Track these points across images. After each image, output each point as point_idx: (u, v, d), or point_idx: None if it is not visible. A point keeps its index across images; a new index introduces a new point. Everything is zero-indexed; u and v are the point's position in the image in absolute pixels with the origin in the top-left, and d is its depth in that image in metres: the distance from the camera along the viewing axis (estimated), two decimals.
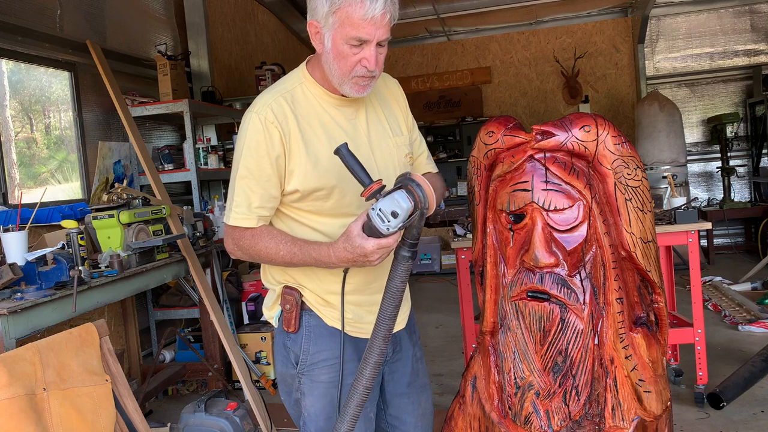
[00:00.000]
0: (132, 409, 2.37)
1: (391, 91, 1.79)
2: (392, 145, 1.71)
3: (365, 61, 1.53)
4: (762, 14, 7.82)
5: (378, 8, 1.46)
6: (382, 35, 1.51)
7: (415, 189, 1.38)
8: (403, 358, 1.79)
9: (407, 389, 1.79)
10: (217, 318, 3.56)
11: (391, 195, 1.37)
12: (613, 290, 1.58)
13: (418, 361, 1.84)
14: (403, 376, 1.79)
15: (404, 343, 1.79)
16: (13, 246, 2.66)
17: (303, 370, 1.67)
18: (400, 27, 8.06)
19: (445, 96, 8.72)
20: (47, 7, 3.68)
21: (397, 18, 1.55)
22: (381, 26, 1.49)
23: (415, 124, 1.86)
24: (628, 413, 1.57)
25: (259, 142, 1.55)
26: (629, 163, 1.54)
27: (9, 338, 2.22)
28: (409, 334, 1.82)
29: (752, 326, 4.47)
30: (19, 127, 3.70)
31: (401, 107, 1.79)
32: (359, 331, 1.67)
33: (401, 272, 1.43)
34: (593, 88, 8.32)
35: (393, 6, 1.51)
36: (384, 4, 1.48)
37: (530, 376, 1.60)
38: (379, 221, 1.37)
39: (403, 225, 1.38)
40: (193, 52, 5.18)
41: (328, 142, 1.58)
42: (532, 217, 1.56)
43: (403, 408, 1.80)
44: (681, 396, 3.40)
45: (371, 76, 1.56)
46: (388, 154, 1.69)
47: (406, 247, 1.42)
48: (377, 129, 1.70)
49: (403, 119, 1.78)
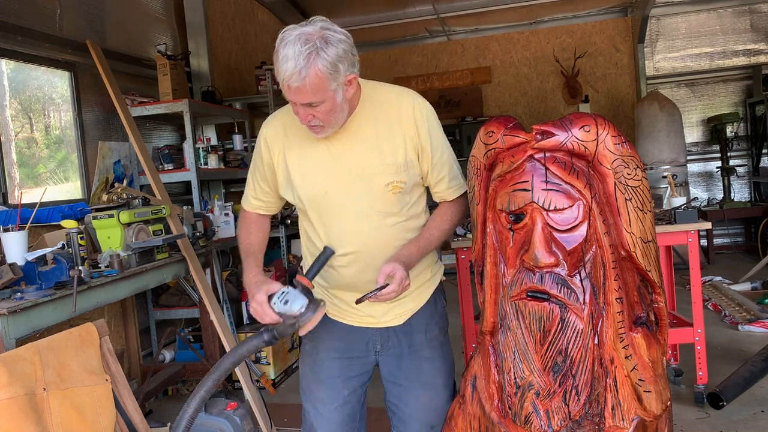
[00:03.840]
0: (132, 409, 2.37)
1: (404, 115, 1.76)
2: (375, 173, 1.73)
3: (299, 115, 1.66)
4: (762, 14, 7.82)
5: (291, 79, 1.55)
6: (302, 100, 1.60)
7: (307, 311, 1.60)
8: (393, 352, 1.90)
9: (405, 382, 1.89)
10: (217, 318, 3.56)
11: (297, 295, 1.63)
12: (613, 290, 1.57)
13: (425, 361, 1.89)
14: (396, 368, 1.90)
15: (395, 340, 1.89)
16: (13, 246, 2.66)
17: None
18: (400, 27, 8.07)
19: (445, 96, 8.72)
20: (47, 7, 3.68)
21: (334, 74, 1.57)
22: (299, 92, 1.58)
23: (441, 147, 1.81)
24: (628, 413, 1.57)
25: (259, 147, 1.88)
26: (629, 163, 1.54)
27: (9, 338, 2.22)
28: (407, 333, 1.88)
29: (752, 326, 4.47)
30: (19, 127, 3.70)
31: (408, 133, 1.75)
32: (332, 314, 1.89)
33: (252, 345, 1.68)
34: (593, 88, 8.32)
35: (311, 74, 1.54)
36: (297, 76, 1.53)
37: (530, 375, 1.60)
38: (277, 297, 1.65)
39: (282, 317, 1.63)
40: (193, 52, 5.18)
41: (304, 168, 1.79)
42: (532, 216, 1.56)
43: (400, 398, 1.91)
44: (681, 396, 3.40)
45: (315, 126, 1.68)
46: (368, 181, 1.74)
47: (271, 332, 1.64)
48: (365, 155, 1.74)
49: (404, 146, 1.75)
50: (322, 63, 1.55)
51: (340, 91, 1.62)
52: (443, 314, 1.97)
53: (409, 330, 1.88)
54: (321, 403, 1.92)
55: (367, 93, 1.77)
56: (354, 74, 1.64)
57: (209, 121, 5.18)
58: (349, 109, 1.72)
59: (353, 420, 1.95)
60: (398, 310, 1.87)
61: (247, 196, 1.96)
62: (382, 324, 1.87)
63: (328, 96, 1.60)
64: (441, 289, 1.99)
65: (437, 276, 1.97)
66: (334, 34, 1.59)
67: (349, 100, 1.69)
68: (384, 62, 8.85)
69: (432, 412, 1.89)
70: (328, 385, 1.91)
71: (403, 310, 1.87)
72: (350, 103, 1.72)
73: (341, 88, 1.62)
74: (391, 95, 1.79)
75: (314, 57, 1.54)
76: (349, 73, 1.62)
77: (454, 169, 1.85)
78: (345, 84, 1.63)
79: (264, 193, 1.91)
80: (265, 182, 1.89)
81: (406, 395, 1.90)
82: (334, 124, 1.69)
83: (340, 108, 1.65)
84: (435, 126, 1.80)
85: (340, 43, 1.58)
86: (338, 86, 1.61)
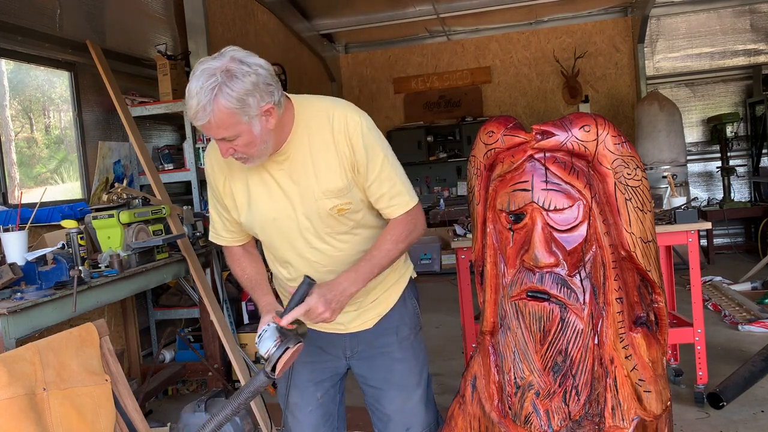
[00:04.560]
0: (132, 409, 2.37)
1: (337, 134, 1.67)
2: (318, 198, 1.69)
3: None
4: (762, 14, 7.82)
5: (196, 117, 1.52)
6: (214, 135, 1.58)
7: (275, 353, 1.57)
8: (364, 356, 1.90)
9: (379, 384, 1.91)
10: (217, 318, 3.56)
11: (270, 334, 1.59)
12: (613, 290, 1.57)
13: (397, 362, 1.89)
14: (368, 371, 1.91)
15: (365, 344, 1.89)
16: (13, 246, 2.66)
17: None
18: (400, 27, 8.07)
19: (445, 96, 8.72)
20: (47, 7, 3.68)
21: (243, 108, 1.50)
22: (207, 129, 1.55)
23: (380, 163, 1.69)
24: (628, 413, 1.57)
25: (208, 178, 1.82)
26: (629, 163, 1.54)
27: (9, 338, 2.22)
28: (377, 336, 1.88)
29: (752, 326, 4.47)
30: (19, 127, 3.70)
31: (344, 153, 1.67)
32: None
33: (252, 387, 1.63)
34: (593, 88, 8.32)
35: (215, 110, 1.50)
36: (201, 113, 1.50)
37: (530, 375, 1.60)
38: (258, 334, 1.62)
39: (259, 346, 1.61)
40: (193, 52, 5.18)
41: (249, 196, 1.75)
42: (532, 216, 1.56)
43: (376, 399, 1.93)
44: (681, 396, 3.40)
45: (240, 158, 1.63)
46: (313, 206, 1.71)
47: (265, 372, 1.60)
48: (304, 182, 1.69)
49: (342, 168, 1.68)
50: (226, 99, 1.48)
51: (256, 123, 1.55)
52: (414, 313, 1.95)
53: (380, 333, 1.88)
54: (296, 408, 1.95)
55: (301, 114, 1.69)
56: (270, 104, 1.55)
57: None
58: (281, 135, 1.65)
59: (329, 419, 1.98)
60: (367, 315, 1.86)
61: (217, 231, 1.88)
62: (351, 330, 1.87)
63: (241, 129, 1.54)
64: (411, 287, 1.96)
65: (405, 276, 1.94)
66: (242, 66, 1.51)
67: (276, 128, 1.61)
68: (384, 62, 8.85)
69: (407, 413, 1.90)
70: (300, 389, 1.93)
71: (372, 315, 1.87)
72: (281, 130, 1.64)
73: (257, 119, 1.55)
74: (323, 114, 1.68)
75: (217, 93, 1.48)
76: (264, 104, 1.54)
77: (397, 185, 1.73)
78: (261, 115, 1.55)
79: (232, 223, 1.84)
80: (226, 211, 1.82)
81: (382, 397, 1.91)
82: (259, 155, 1.62)
83: (261, 139, 1.58)
84: (372, 141, 1.68)
85: (247, 75, 1.50)
86: (252, 119, 1.54)
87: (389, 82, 8.85)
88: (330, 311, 1.61)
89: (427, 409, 1.94)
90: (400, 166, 1.76)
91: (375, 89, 8.90)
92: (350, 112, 1.69)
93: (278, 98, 1.58)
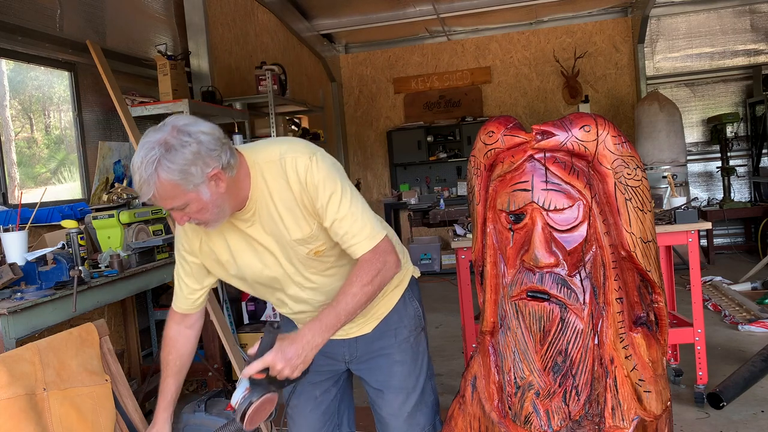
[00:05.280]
0: (132, 409, 2.37)
1: (292, 182, 1.62)
2: (292, 246, 1.68)
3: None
4: (762, 14, 7.82)
5: (141, 191, 1.52)
6: (164, 206, 1.56)
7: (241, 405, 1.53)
8: (363, 359, 1.90)
9: (378, 386, 1.91)
10: (217, 318, 3.56)
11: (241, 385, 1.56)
12: (613, 290, 1.58)
13: (396, 364, 1.89)
14: (368, 374, 1.91)
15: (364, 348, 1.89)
16: (13, 246, 2.66)
17: None
18: (400, 27, 8.07)
19: (445, 96, 8.71)
20: (47, 7, 3.68)
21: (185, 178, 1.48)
22: (154, 202, 1.53)
23: (338, 202, 1.61)
24: (628, 413, 1.57)
25: (178, 241, 1.83)
26: (629, 163, 1.54)
27: (9, 338, 2.22)
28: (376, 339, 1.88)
29: (752, 326, 4.47)
30: (19, 127, 3.70)
31: (303, 200, 1.63)
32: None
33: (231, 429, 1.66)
34: (593, 88, 8.32)
35: (157, 184, 1.47)
36: (145, 187, 1.49)
37: (530, 375, 1.60)
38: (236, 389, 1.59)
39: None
40: (193, 52, 5.18)
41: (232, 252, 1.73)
42: (532, 217, 1.56)
43: (375, 400, 1.94)
44: (681, 396, 3.40)
45: (198, 224, 1.62)
46: (290, 252, 1.70)
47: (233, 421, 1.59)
48: (276, 234, 1.67)
49: (304, 216, 1.64)
50: (166, 172, 1.46)
51: (203, 190, 1.51)
52: (415, 315, 1.93)
53: (378, 335, 1.87)
54: (295, 410, 1.96)
55: (255, 168, 1.63)
56: (217, 169, 1.51)
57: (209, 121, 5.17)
58: (239, 193, 1.61)
59: (330, 418, 1.99)
60: (365, 318, 1.86)
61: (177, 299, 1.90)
62: (351, 335, 1.87)
63: (189, 198, 1.51)
64: (412, 288, 1.94)
65: (406, 279, 1.92)
66: (181, 137, 1.48)
67: (229, 190, 1.57)
68: (384, 62, 8.85)
69: (404, 416, 1.90)
70: (297, 392, 1.93)
71: (371, 319, 1.87)
72: (237, 189, 1.60)
73: (203, 186, 1.51)
74: (275, 164, 1.62)
75: (157, 166, 1.45)
76: (209, 170, 1.50)
77: (359, 221, 1.63)
78: (208, 181, 1.51)
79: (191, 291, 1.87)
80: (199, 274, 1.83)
81: (380, 398, 1.91)
82: (216, 219, 1.59)
83: (213, 204, 1.54)
84: (326, 179, 1.61)
85: (187, 146, 1.47)
86: (198, 186, 1.50)
87: (389, 82, 8.85)
88: (290, 368, 1.53)
89: (425, 413, 1.93)
90: (361, 200, 1.67)
91: (375, 89, 8.90)
92: (300, 155, 1.62)
93: (227, 160, 1.53)
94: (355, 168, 9.01)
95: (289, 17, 7.17)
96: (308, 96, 7.39)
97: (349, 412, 2.06)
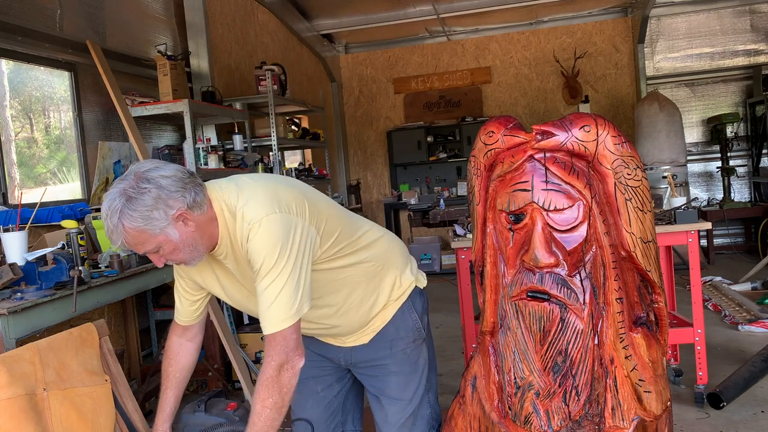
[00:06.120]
0: (132, 409, 2.37)
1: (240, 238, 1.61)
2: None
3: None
4: (762, 14, 7.82)
5: (111, 240, 1.56)
6: (138, 251, 1.60)
7: None
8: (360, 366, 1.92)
9: (375, 393, 1.93)
10: (217, 318, 3.56)
11: None
12: (613, 290, 1.58)
13: (392, 374, 1.89)
14: (366, 380, 1.94)
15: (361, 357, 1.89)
16: (13, 246, 2.66)
17: None
18: (400, 27, 8.07)
19: (445, 96, 8.71)
20: (47, 7, 3.68)
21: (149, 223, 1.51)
22: (129, 247, 1.57)
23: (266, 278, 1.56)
24: (628, 413, 1.57)
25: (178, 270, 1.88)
26: (629, 163, 1.54)
27: (9, 338, 2.22)
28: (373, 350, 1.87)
29: (752, 326, 4.47)
30: (19, 127, 3.70)
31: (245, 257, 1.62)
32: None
33: None
34: (593, 88, 8.32)
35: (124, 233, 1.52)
36: (114, 237, 1.54)
37: (530, 376, 1.60)
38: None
39: None
40: (193, 52, 5.18)
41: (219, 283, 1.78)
42: (532, 217, 1.56)
43: (373, 405, 1.95)
44: (681, 396, 3.40)
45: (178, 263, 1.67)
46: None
47: None
48: (246, 272, 1.68)
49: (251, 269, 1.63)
50: (129, 220, 1.50)
51: (171, 231, 1.53)
52: (413, 327, 1.89)
53: (375, 347, 1.87)
54: (296, 404, 1.97)
55: (221, 213, 1.62)
56: (182, 209, 1.52)
57: (209, 121, 5.17)
58: (211, 230, 1.61)
59: (333, 413, 1.99)
60: (361, 331, 1.87)
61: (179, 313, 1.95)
62: (348, 344, 1.89)
63: (159, 241, 1.54)
64: (414, 298, 1.90)
65: (407, 291, 1.89)
66: (140, 184, 1.50)
67: (200, 228, 1.58)
68: (384, 62, 8.85)
69: (397, 426, 1.90)
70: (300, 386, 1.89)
71: (367, 331, 1.87)
72: (208, 227, 1.60)
73: (170, 228, 1.53)
74: (235, 213, 1.60)
75: (120, 216, 1.50)
76: (173, 212, 1.51)
77: (274, 303, 1.57)
78: (174, 222, 1.53)
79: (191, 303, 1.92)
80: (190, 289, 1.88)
81: (376, 404, 1.93)
82: (192, 257, 1.61)
83: (185, 243, 1.57)
84: (265, 249, 1.55)
85: (145, 193, 1.49)
86: (164, 229, 1.52)
87: (389, 82, 8.85)
88: None
89: (420, 426, 1.91)
90: (296, 276, 1.57)
91: (375, 89, 8.90)
92: (253, 213, 1.57)
93: (191, 199, 1.54)
94: (355, 168, 9.01)
95: (289, 17, 7.17)
96: (308, 96, 7.39)
97: (355, 412, 2.05)
